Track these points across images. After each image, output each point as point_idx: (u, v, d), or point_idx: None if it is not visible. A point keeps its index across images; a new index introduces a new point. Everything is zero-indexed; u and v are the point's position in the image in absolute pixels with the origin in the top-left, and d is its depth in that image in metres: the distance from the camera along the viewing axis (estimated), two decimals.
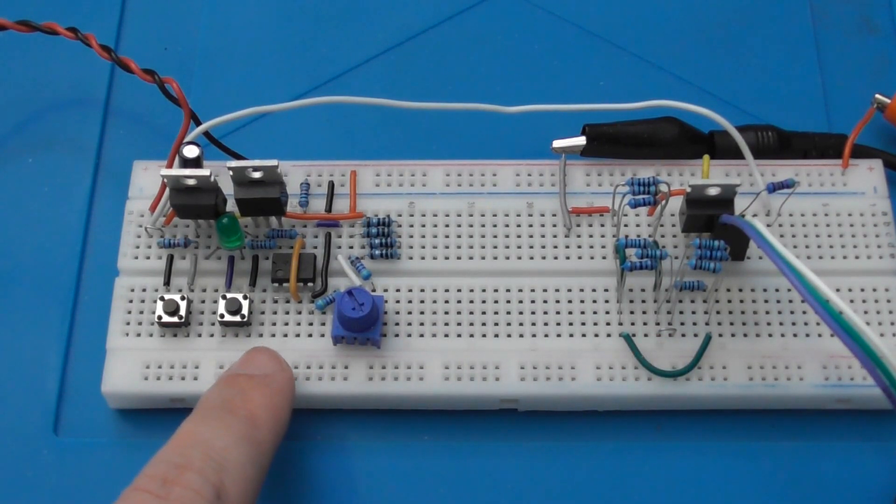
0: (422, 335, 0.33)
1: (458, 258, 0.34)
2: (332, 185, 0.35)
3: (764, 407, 0.33)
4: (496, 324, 0.33)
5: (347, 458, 0.33)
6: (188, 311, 0.33)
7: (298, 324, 0.33)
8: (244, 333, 0.33)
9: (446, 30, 0.40)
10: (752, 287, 0.33)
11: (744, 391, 0.32)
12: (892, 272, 0.34)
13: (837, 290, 0.33)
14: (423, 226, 0.34)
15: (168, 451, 0.27)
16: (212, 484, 0.26)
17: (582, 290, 0.33)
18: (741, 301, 0.33)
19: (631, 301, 0.33)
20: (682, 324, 0.33)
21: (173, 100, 0.35)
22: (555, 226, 0.34)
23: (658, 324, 0.33)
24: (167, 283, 0.34)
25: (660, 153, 0.35)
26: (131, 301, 0.33)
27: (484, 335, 0.33)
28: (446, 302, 0.33)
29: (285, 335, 0.33)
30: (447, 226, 0.34)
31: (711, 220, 0.32)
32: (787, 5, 0.40)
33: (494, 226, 0.34)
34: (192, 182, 0.32)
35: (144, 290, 0.33)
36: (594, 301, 0.33)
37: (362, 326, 0.32)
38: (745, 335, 0.33)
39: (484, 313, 0.33)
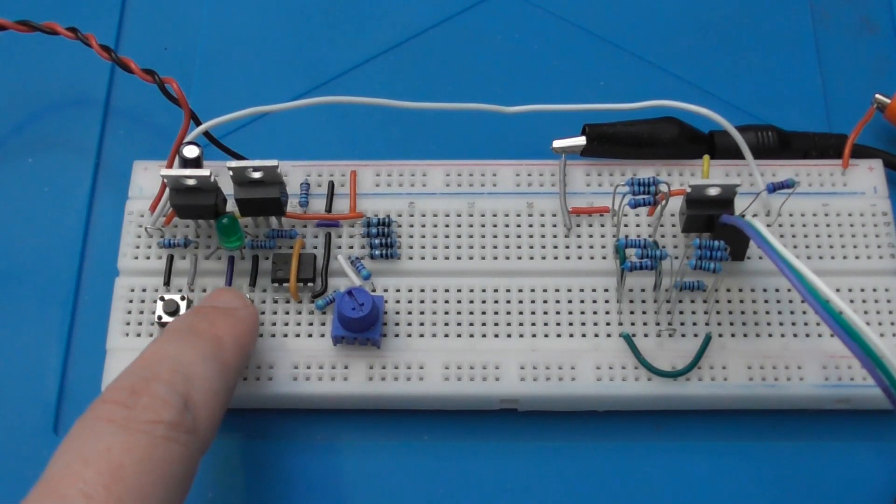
0: (422, 335, 0.33)
1: (458, 258, 0.34)
2: (332, 185, 0.35)
3: (764, 407, 0.33)
4: (496, 324, 0.33)
5: (347, 458, 0.33)
6: None
7: (298, 324, 0.33)
8: None
9: (446, 30, 0.40)
10: (752, 287, 0.33)
11: (744, 391, 0.32)
12: (892, 272, 0.34)
13: (837, 290, 0.33)
14: (423, 226, 0.34)
15: (135, 366, 0.27)
16: (179, 394, 0.26)
17: (582, 290, 0.33)
18: (741, 301, 0.33)
19: (631, 301, 0.33)
20: (682, 324, 0.33)
21: (173, 100, 0.35)
22: (555, 226, 0.34)
23: (658, 324, 0.33)
24: (167, 283, 0.34)
25: (660, 153, 0.35)
26: (131, 301, 0.33)
27: (484, 335, 0.33)
28: (446, 302, 0.33)
29: (285, 335, 0.33)
30: (447, 226, 0.34)
31: (711, 220, 0.32)
32: (787, 5, 0.40)
33: (494, 226, 0.34)
34: (192, 182, 0.32)
35: (144, 290, 0.33)
36: (594, 301, 0.33)
37: (362, 326, 0.32)
38: (745, 335, 0.33)
39: (484, 313, 0.33)
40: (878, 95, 0.36)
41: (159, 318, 0.32)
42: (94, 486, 0.24)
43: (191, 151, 0.32)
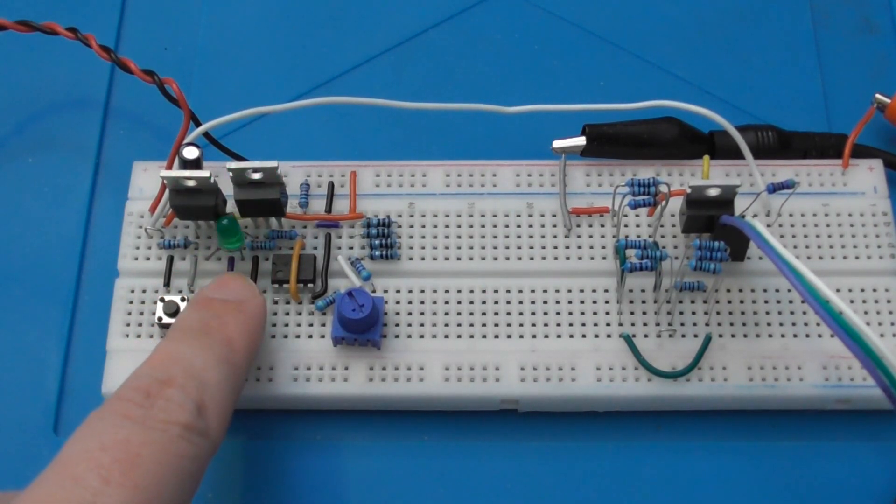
0: (422, 336, 0.33)
1: (458, 259, 0.34)
2: (331, 186, 0.35)
3: (764, 407, 0.33)
4: (496, 325, 0.33)
5: (347, 459, 0.33)
6: None
7: (298, 325, 0.33)
8: None
9: (446, 30, 0.40)
10: (752, 287, 0.33)
11: (744, 391, 0.32)
12: (892, 272, 0.34)
13: (837, 291, 0.33)
14: (423, 226, 0.34)
15: (149, 367, 0.28)
16: (193, 399, 0.27)
17: (582, 291, 0.33)
18: (741, 301, 0.33)
19: (631, 302, 0.33)
20: (682, 324, 0.33)
21: (173, 100, 0.35)
22: (555, 226, 0.34)
23: (658, 324, 0.33)
24: (167, 284, 0.34)
25: (660, 153, 0.35)
26: (131, 302, 0.33)
27: (484, 336, 0.33)
28: (446, 303, 0.33)
29: (285, 336, 0.33)
30: (447, 226, 0.34)
31: (711, 220, 0.32)
32: (787, 5, 0.40)
33: (494, 226, 0.34)
34: (191, 183, 0.32)
35: (144, 291, 0.33)
36: (594, 302, 0.33)
37: (362, 327, 0.32)
38: (745, 335, 0.33)
39: (484, 314, 0.33)
40: (878, 95, 0.36)
41: (160, 319, 0.32)
42: (111, 470, 0.24)
43: (190, 152, 0.32)
